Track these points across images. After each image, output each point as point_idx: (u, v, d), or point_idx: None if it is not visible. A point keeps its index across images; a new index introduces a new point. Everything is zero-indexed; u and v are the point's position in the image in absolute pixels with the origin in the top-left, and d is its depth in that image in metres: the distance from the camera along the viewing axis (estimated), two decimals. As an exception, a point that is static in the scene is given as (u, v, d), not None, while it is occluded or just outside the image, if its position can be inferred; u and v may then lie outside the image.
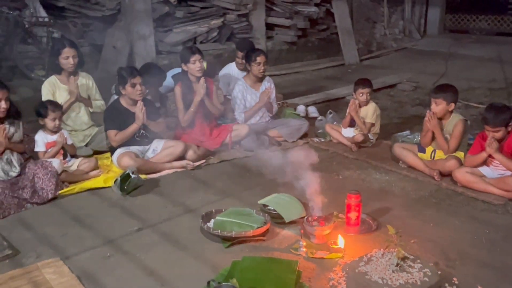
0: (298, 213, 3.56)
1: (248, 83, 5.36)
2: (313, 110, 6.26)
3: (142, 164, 4.41)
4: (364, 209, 3.47)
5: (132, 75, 4.46)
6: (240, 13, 8.84)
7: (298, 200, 3.67)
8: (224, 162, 4.81)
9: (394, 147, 4.64)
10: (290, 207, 3.59)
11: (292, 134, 5.25)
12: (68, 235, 3.46)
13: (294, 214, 3.54)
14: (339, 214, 3.55)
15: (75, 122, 4.91)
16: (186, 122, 4.96)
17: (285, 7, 9.37)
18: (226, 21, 8.71)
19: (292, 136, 5.25)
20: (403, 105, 6.77)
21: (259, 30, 9.04)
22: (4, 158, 3.94)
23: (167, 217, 3.70)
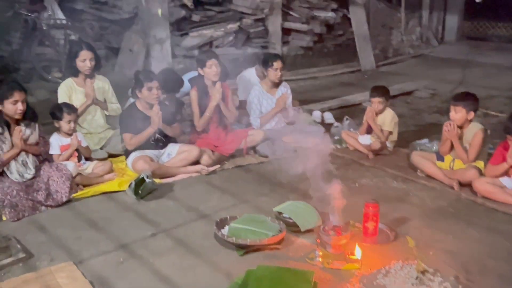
0: (314, 221, 3.51)
1: (264, 88, 5.33)
2: (329, 116, 6.21)
3: (156, 168, 4.38)
4: (381, 218, 3.40)
5: (149, 78, 4.45)
6: (257, 18, 8.82)
7: (314, 208, 3.61)
8: (238, 167, 4.78)
9: (412, 155, 4.57)
10: (306, 215, 3.54)
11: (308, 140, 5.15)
12: (82, 238, 3.44)
13: (310, 222, 3.49)
14: (356, 223, 3.49)
15: (91, 125, 4.91)
16: (201, 126, 4.93)
17: (302, 12, 9.33)
18: (243, 25, 8.68)
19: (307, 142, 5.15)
20: (420, 113, 6.68)
21: (275, 34, 9.00)
22: (19, 160, 3.94)
23: (181, 223, 3.67)
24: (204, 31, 8.31)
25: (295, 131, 5.27)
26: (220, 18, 8.52)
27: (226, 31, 8.49)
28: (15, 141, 3.89)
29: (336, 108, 6.71)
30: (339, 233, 3.21)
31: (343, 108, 6.74)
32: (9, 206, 3.68)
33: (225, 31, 8.48)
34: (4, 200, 3.69)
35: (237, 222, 3.44)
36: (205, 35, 8.28)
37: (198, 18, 8.28)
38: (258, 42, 8.81)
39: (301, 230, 3.43)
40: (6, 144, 3.88)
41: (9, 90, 3.83)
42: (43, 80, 7.17)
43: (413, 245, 2.78)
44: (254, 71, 5.91)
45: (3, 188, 3.74)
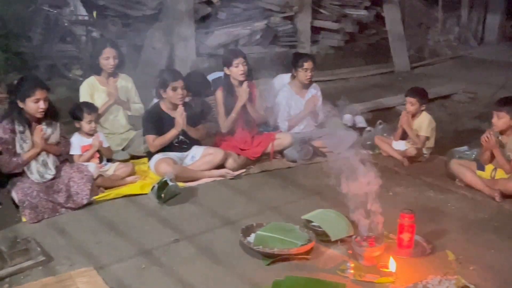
0: (345, 231, 3.49)
1: (293, 90, 5.32)
2: (360, 120, 6.15)
3: (180, 171, 4.41)
4: (417, 230, 3.36)
5: (174, 78, 4.48)
6: (285, 16, 8.81)
7: (345, 217, 3.58)
8: (265, 172, 4.78)
9: (451, 163, 4.49)
10: (337, 224, 3.52)
11: (338, 145, 5.15)
12: (102, 243, 3.49)
13: (341, 232, 3.47)
14: (390, 234, 3.45)
15: (113, 125, 4.97)
16: (226, 128, 4.95)
17: (333, 9, 9.29)
18: (270, 23, 8.67)
19: (338, 147, 5.14)
20: (458, 118, 6.58)
21: (304, 33, 8.97)
22: (40, 160, 4.00)
23: (205, 229, 3.69)
24: (230, 29, 8.33)
25: (325, 135, 5.24)
26: (247, 15, 8.53)
27: (253, 29, 8.49)
28: (36, 140, 3.96)
29: (368, 112, 6.64)
30: (372, 244, 3.19)
31: (375, 112, 6.66)
32: (29, 207, 3.75)
33: (252, 29, 8.48)
34: (24, 201, 3.76)
35: (264, 229, 3.44)
36: (231, 33, 8.30)
37: (224, 15, 8.31)
38: (286, 41, 8.79)
39: (332, 240, 3.41)
40: (27, 143, 3.95)
41: (31, 88, 3.90)
42: (63, 78, 7.28)
43: (453, 258, 2.73)
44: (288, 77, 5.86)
45: (23, 189, 3.81)
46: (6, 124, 3.93)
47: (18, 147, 3.93)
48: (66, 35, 7.48)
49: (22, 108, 3.93)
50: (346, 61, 9.39)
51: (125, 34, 8.11)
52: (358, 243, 3.21)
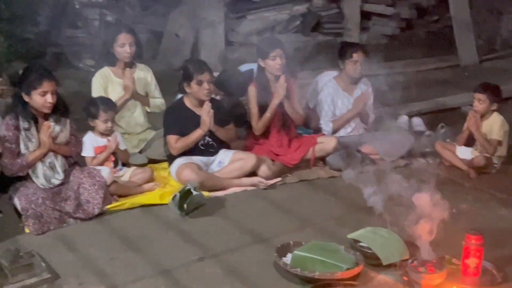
0: (399, 254, 3.46)
1: (340, 85, 5.31)
2: (418, 123, 6.10)
3: (205, 179, 4.45)
4: (485, 254, 3.31)
5: (200, 70, 4.54)
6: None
7: (399, 237, 3.57)
8: (304, 182, 4.79)
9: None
10: (389, 245, 3.51)
11: (391, 152, 5.13)
12: (116, 260, 3.54)
13: (394, 255, 3.44)
14: (453, 259, 3.42)
15: (129, 123, 5.04)
16: (260, 130, 4.97)
17: (387, -9, 9.26)
18: (312, 7, 8.70)
19: (391, 154, 5.13)
20: (537, 122, 6.45)
21: (352, 19, 8.96)
22: (46, 161, 4.09)
23: (234, 247, 3.72)
24: (265, 13, 8.38)
25: (376, 140, 5.21)
26: (286, -3, 8.58)
27: (292, 14, 8.52)
28: (42, 139, 4.05)
29: (427, 113, 6.59)
30: (431, 271, 3.17)
31: (436, 113, 6.61)
32: (33, 217, 3.84)
33: (291, 14, 8.52)
34: (28, 209, 3.85)
35: (302, 249, 3.45)
36: (266, 18, 8.35)
37: (259, -3, 8.37)
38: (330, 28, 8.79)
39: (383, 264, 3.39)
40: (32, 142, 4.05)
41: (38, 79, 3.99)
42: (73, 68, 7.46)
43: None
44: None
45: (27, 195, 3.91)
46: (9, 120, 4.03)
47: (23, 147, 4.03)
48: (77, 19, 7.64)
49: (27, 102, 4.03)
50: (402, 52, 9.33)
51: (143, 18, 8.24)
52: (414, 268, 3.18)
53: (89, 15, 7.75)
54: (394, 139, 5.23)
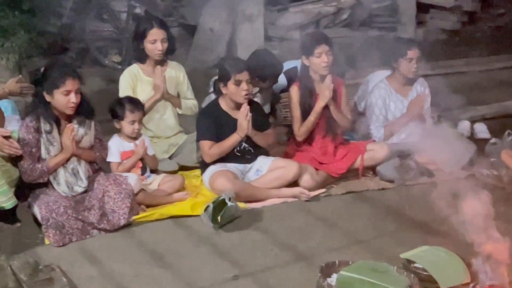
0: (459, 277, 3.44)
1: (392, 86, 5.29)
2: (482, 129, 6.05)
3: (242, 189, 4.48)
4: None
5: (238, 69, 4.56)
6: (382, -12, 8.80)
7: (459, 259, 3.54)
8: (351, 194, 4.78)
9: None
10: (448, 267, 3.48)
11: (451, 161, 5.08)
12: (141, 276, 3.59)
13: (453, 278, 3.42)
14: (522, 284, 3.36)
15: (158, 126, 5.10)
16: (303, 135, 4.98)
17: (447, -19, 9.18)
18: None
19: (450, 164, 5.07)
20: None
21: (407, 12, 8.91)
22: (69, 167, 4.18)
23: (272, 265, 3.73)
24: (310, 5, 8.39)
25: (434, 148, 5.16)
26: (333, -12, 8.59)
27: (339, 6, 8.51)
28: (65, 143, 4.13)
29: (492, 118, 6.51)
30: (496, 297, 3.13)
31: (503, 118, 6.52)
32: (54, 227, 3.91)
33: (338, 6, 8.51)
34: (48, 219, 3.92)
35: (349, 269, 3.43)
36: (310, 11, 8.36)
37: (302, -12, 8.39)
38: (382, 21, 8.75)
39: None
40: (54, 146, 4.13)
41: (61, 77, 4.06)
42: (97, 65, 7.57)
43: None
44: None
45: (48, 203, 3.98)
46: (29, 122, 4.11)
47: (44, 151, 4.11)
48: (103, 11, 7.75)
49: (49, 102, 4.11)
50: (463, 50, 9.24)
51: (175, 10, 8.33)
52: (477, 293, 3.16)
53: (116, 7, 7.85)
54: (454, 147, 5.17)
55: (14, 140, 3.98)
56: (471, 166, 5.18)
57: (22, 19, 5.88)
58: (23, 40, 5.84)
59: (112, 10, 7.71)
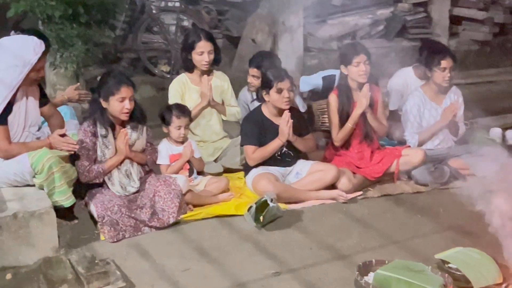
0: (492, 277, 3.39)
1: (427, 95, 5.23)
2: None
3: (282, 190, 4.49)
4: None
5: (280, 77, 4.58)
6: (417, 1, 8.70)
7: (492, 260, 3.50)
8: (387, 197, 4.76)
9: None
10: (481, 268, 3.44)
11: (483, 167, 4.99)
12: (190, 270, 3.64)
13: (486, 278, 3.38)
14: (553, 285, 3.30)
15: (205, 131, 5.15)
16: (340, 140, 4.96)
17: (479, -6, 9.05)
18: (397, 11, 8.61)
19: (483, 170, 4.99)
20: None
21: (440, 24, 8.82)
22: (122, 169, 4.25)
23: (312, 262, 3.74)
24: (347, 17, 8.36)
25: (467, 154, 5.11)
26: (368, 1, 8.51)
27: (375, 18, 8.46)
28: (119, 146, 4.21)
29: (523, 125, 6.40)
30: (528, 297, 3.08)
31: (534, 126, 6.41)
32: (109, 224, 3.98)
33: (374, 18, 8.46)
34: (104, 216, 4.00)
35: (385, 268, 3.41)
36: (347, 22, 8.33)
37: (340, 1, 8.35)
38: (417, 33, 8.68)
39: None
40: (109, 149, 4.21)
41: (116, 85, 4.14)
42: (148, 74, 7.66)
43: None
44: (411, 71, 5.83)
45: (103, 202, 4.06)
46: (87, 126, 4.20)
47: (99, 153, 4.20)
48: (153, 24, 7.85)
49: (105, 108, 4.19)
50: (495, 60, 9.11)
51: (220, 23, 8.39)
52: (509, 293, 3.11)
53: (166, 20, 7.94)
54: (486, 153, 5.08)
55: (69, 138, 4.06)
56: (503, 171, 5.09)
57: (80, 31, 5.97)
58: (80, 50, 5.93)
59: (162, 23, 7.79)
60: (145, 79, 7.42)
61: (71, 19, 5.94)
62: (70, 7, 5.77)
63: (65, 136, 4.02)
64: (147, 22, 7.74)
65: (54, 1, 5.69)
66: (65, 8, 5.75)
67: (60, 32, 5.89)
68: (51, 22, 5.89)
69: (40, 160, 3.83)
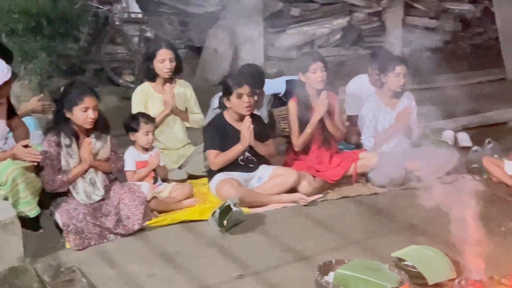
0: (446, 273, 3.43)
1: (381, 100, 5.28)
2: (464, 138, 6.04)
3: (245, 195, 4.48)
4: (538, 275, 3.25)
5: (239, 83, 4.58)
6: (371, 11, 8.81)
7: (445, 256, 3.53)
8: (346, 198, 4.77)
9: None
10: (435, 264, 3.47)
11: (436, 168, 5.06)
12: (156, 276, 3.59)
13: (440, 274, 3.41)
14: (502, 279, 3.33)
15: (168, 139, 5.11)
16: (300, 146, 4.98)
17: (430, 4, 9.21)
18: (353, 20, 8.71)
19: (436, 170, 5.06)
20: None
21: (394, 32, 8.93)
22: (87, 178, 4.18)
23: (274, 264, 3.73)
24: (305, 27, 8.43)
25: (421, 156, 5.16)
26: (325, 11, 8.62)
27: (332, 28, 8.56)
28: (83, 155, 4.14)
29: (474, 127, 6.51)
30: (480, 291, 3.12)
31: (483, 128, 6.53)
32: (74, 232, 3.91)
33: (331, 28, 8.55)
34: (69, 225, 3.93)
35: (345, 268, 3.43)
36: (305, 32, 8.40)
37: (298, 12, 8.42)
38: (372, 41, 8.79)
39: (429, 284, 3.36)
40: (73, 159, 4.14)
41: (79, 95, 4.08)
42: (112, 84, 7.59)
43: None
44: (366, 78, 5.88)
45: (68, 211, 3.99)
46: (51, 137, 4.12)
47: (64, 163, 4.12)
48: (117, 35, 7.79)
49: (69, 118, 4.12)
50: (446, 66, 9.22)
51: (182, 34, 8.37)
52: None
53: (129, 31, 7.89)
54: (439, 155, 5.16)
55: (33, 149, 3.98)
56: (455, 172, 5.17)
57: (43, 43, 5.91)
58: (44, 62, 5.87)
59: (125, 34, 7.74)
60: (109, 90, 7.36)
61: (35, 32, 5.86)
62: (33, 20, 5.68)
63: (29, 147, 3.94)
64: (110, 34, 7.69)
65: (17, 14, 5.60)
66: (28, 20, 5.67)
67: (24, 44, 5.80)
68: (14, 35, 5.80)
69: (4, 171, 3.77)
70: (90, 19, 7.58)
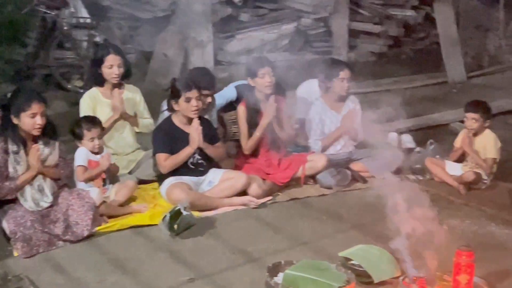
0: (391, 271, 3.48)
1: (327, 104, 5.34)
2: (407, 139, 6.13)
3: (196, 199, 4.46)
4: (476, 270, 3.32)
5: (187, 87, 4.57)
6: (318, 17, 8.90)
7: (390, 255, 3.58)
8: (295, 200, 4.80)
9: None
10: (380, 263, 3.52)
11: (381, 169, 5.14)
12: (105, 282, 3.53)
13: (385, 272, 3.46)
14: (444, 275, 3.42)
15: (118, 143, 5.03)
16: (249, 149, 5.00)
17: (374, 10, 9.36)
18: (300, 26, 8.78)
19: (381, 171, 5.14)
20: (526, 137, 6.50)
21: (340, 37, 9.05)
22: (35, 184, 4.09)
23: (225, 267, 3.73)
24: (254, 32, 8.45)
25: (366, 157, 5.25)
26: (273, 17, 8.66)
27: (280, 33, 8.60)
28: (31, 162, 4.04)
29: (417, 129, 6.62)
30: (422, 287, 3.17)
31: (426, 129, 6.66)
32: (21, 240, 3.82)
33: (279, 33, 8.60)
34: (16, 233, 3.84)
35: (293, 268, 3.44)
36: (255, 37, 8.42)
37: (247, 17, 8.44)
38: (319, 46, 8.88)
39: (374, 282, 3.41)
40: (21, 165, 4.04)
41: (27, 101, 4.00)
42: (61, 90, 7.44)
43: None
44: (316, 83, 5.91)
45: (16, 218, 3.90)
46: (-2, 144, 4.03)
47: (11, 170, 4.02)
48: (65, 40, 7.65)
49: (16, 125, 4.03)
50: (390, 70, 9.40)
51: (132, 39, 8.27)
52: (406, 285, 3.20)
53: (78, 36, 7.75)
54: (384, 156, 5.24)
55: None
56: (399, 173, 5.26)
57: (-11, 49, 5.76)
58: (-10, 68, 5.71)
59: (73, 39, 7.60)
60: (58, 95, 7.22)
61: (-20, 37, 5.70)
62: (-21, 26, 5.53)
63: None
64: (58, 39, 7.53)
65: (-38, 19, 5.44)
66: (-27, 26, 5.51)
67: (-31, 50, 5.63)
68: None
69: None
70: (37, 24, 7.44)
